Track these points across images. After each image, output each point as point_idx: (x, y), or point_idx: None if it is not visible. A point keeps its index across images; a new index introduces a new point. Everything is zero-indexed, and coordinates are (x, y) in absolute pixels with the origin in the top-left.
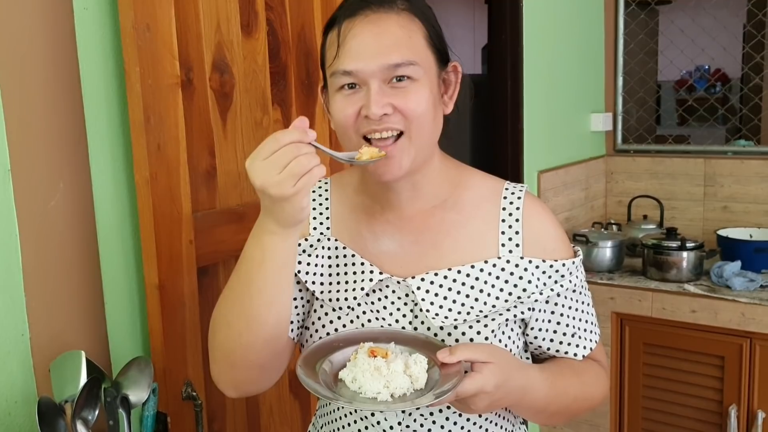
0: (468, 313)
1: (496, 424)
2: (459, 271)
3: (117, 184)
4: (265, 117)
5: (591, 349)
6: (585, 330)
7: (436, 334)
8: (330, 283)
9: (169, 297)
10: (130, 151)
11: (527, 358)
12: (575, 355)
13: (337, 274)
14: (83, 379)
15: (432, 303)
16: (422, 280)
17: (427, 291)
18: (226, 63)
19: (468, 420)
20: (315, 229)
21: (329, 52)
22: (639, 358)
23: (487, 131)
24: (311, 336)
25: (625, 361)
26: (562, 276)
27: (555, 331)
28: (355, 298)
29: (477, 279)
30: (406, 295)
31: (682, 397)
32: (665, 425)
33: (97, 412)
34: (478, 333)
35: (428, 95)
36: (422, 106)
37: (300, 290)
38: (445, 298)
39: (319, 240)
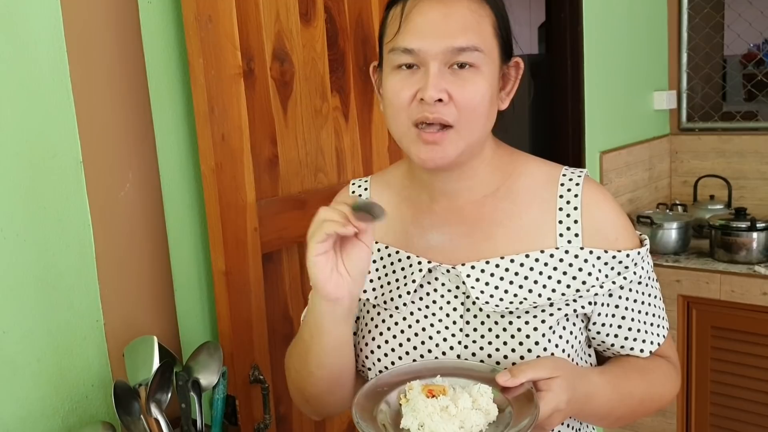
0: (521, 303)
1: None
2: (512, 260)
3: (183, 174)
4: (324, 104)
5: (658, 344)
6: (651, 324)
7: (490, 329)
8: (381, 286)
9: (235, 283)
10: (196, 142)
11: (590, 355)
12: (641, 351)
13: (386, 275)
14: (156, 363)
15: (482, 291)
16: (472, 267)
17: (477, 279)
18: (285, 52)
19: None
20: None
21: (390, 27)
22: (707, 342)
23: (546, 112)
24: (358, 343)
25: (692, 346)
26: (626, 267)
27: (619, 326)
28: (408, 293)
29: (531, 269)
30: (456, 287)
31: (753, 382)
32: (735, 410)
33: (169, 396)
34: (535, 329)
35: (487, 87)
36: (478, 98)
37: None
38: (496, 287)
39: None
